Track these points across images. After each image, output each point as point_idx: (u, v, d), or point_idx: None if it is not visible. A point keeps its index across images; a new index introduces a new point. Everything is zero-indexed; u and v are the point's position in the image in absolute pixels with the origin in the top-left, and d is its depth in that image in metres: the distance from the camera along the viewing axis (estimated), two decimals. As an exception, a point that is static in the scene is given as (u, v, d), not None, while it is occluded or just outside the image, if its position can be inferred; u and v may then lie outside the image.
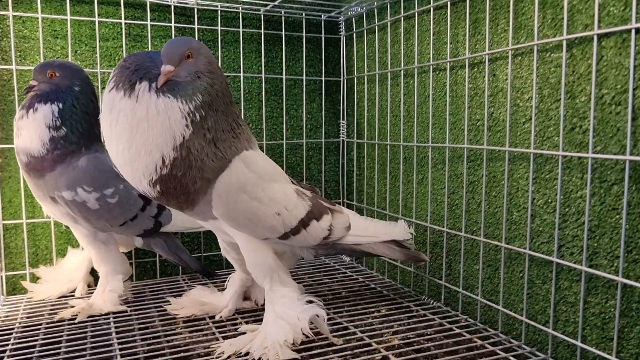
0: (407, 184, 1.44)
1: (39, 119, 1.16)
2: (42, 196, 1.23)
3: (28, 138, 1.16)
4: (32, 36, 1.39)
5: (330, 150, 1.74)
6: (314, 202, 1.14)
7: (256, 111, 1.63)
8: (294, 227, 1.09)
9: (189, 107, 0.92)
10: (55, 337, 1.11)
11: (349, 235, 1.18)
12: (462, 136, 1.23)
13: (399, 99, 1.45)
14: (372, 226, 1.23)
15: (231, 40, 1.59)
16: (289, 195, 1.09)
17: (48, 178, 1.18)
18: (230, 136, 0.99)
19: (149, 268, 1.54)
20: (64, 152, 1.18)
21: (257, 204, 1.03)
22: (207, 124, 0.94)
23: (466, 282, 1.24)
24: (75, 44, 1.43)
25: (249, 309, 1.25)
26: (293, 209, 1.08)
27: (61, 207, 1.22)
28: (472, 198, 1.21)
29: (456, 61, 1.23)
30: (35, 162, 1.17)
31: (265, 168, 1.07)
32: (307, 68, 1.68)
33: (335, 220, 1.16)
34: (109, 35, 1.47)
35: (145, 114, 0.90)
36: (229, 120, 0.99)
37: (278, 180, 1.10)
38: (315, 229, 1.12)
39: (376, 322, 1.18)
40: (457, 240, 1.26)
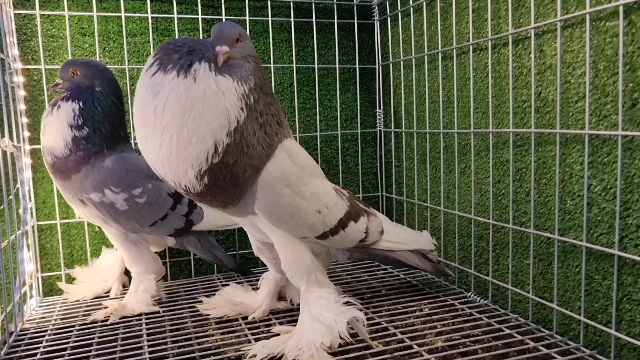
0: (449, 173, 1.35)
1: (61, 117, 1.14)
2: (71, 198, 1.21)
3: (52, 137, 1.14)
4: (60, 35, 1.38)
5: (367, 141, 1.67)
6: (352, 202, 1.10)
7: (288, 103, 1.57)
8: (333, 227, 1.03)
9: (244, 89, 0.86)
10: (87, 339, 1.09)
11: (383, 240, 1.15)
12: (507, 120, 1.13)
13: (438, 83, 1.36)
14: (402, 233, 1.20)
15: (260, 31, 1.54)
16: (329, 192, 1.04)
17: (74, 180, 1.16)
18: (276, 122, 0.94)
19: (184, 267, 1.51)
20: (87, 153, 1.15)
21: (299, 199, 0.96)
22: (259, 107, 0.89)
23: (516, 277, 1.14)
24: (103, 41, 1.41)
25: (283, 310, 1.20)
26: (333, 208, 1.03)
27: (91, 209, 1.20)
28: (520, 187, 1.11)
29: (498, 38, 1.13)
30: (60, 163, 1.15)
31: (306, 161, 1.01)
32: (340, 56, 1.61)
33: (370, 223, 1.12)
34: (137, 30, 1.44)
35: (203, 94, 0.83)
36: (275, 106, 0.95)
37: (318, 175, 1.05)
38: (353, 230, 1.08)
39: (418, 322, 1.10)
40: (504, 233, 1.17)
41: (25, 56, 1.35)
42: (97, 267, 1.38)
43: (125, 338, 1.08)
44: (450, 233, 1.36)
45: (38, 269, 1.37)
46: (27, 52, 1.35)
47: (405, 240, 1.19)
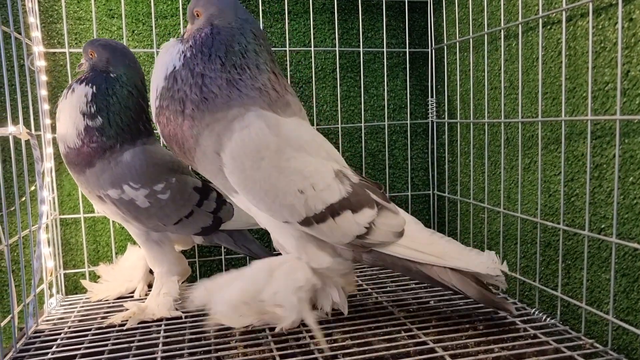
0: (510, 170, 1.17)
1: (73, 102, 1.04)
2: (89, 194, 1.13)
3: (64, 124, 1.05)
4: (87, 17, 1.29)
5: (417, 133, 1.50)
6: (357, 189, 0.94)
7: (330, 90, 1.43)
8: (318, 213, 0.90)
9: (184, 47, 0.93)
10: (100, 345, 0.99)
11: (399, 245, 0.95)
12: (583, 106, 0.95)
13: (499, 66, 1.18)
14: (442, 245, 0.98)
15: (300, 12, 1.40)
16: (322, 172, 0.91)
17: (89, 175, 1.07)
18: (255, 88, 0.92)
19: (214, 267, 1.40)
20: (100, 146, 1.05)
21: (277, 175, 0.88)
22: (196, 62, 0.91)
23: (591, 294, 0.96)
24: (131, 23, 1.32)
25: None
26: (323, 190, 0.90)
27: (110, 206, 1.10)
28: (599, 186, 0.92)
29: (575, 8, 0.95)
30: (72, 155, 1.06)
31: (296, 134, 0.92)
32: (388, 39, 1.45)
33: (380, 218, 0.95)
34: (167, 12, 1.34)
35: (161, 57, 0.96)
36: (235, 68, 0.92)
37: (312, 152, 0.92)
38: (347, 221, 0.91)
39: (471, 344, 0.94)
40: (577, 241, 0.99)
41: (51, 40, 1.27)
42: (121, 265, 1.29)
43: (139, 347, 0.98)
44: (511, 238, 1.18)
45: (60, 265, 1.30)
46: (52, 36, 1.28)
47: (441, 254, 0.96)
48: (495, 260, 0.97)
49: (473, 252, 0.99)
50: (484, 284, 1.00)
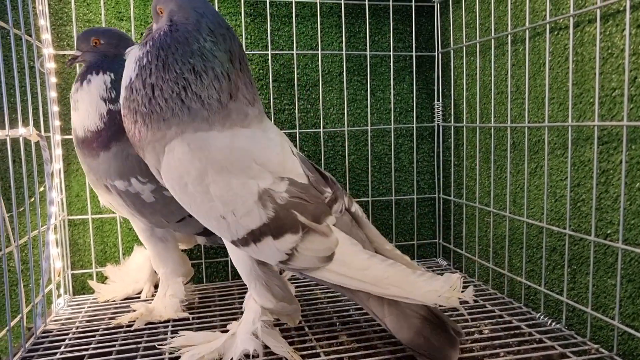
0: (516, 174, 1.17)
1: (92, 91, 1.05)
2: (96, 182, 1.12)
3: (85, 111, 1.05)
4: (96, 20, 1.30)
5: (423, 136, 1.51)
6: (280, 213, 0.85)
7: (337, 93, 1.44)
8: (241, 238, 0.86)
9: (140, 53, 0.90)
10: (108, 345, 1.00)
11: (327, 270, 0.86)
12: (590, 112, 0.95)
13: (506, 71, 1.18)
14: (381, 270, 0.84)
15: (308, 15, 1.41)
16: (244, 197, 0.85)
17: (101, 159, 1.06)
18: (181, 94, 0.87)
19: (220, 269, 1.41)
20: (121, 127, 0.97)
21: (200, 199, 0.86)
22: (149, 67, 0.88)
23: (597, 299, 0.96)
24: (140, 26, 1.32)
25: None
26: (243, 217, 0.85)
27: (116, 197, 1.10)
28: (606, 192, 0.93)
29: (583, 14, 0.95)
30: (92, 137, 1.06)
31: (220, 155, 0.86)
32: (395, 42, 1.45)
33: (305, 243, 0.85)
34: (175, 14, 1.34)
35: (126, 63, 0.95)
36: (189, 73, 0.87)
37: (237, 172, 0.85)
38: (268, 247, 0.86)
39: (477, 348, 0.95)
40: (582, 246, 0.99)
41: (61, 42, 1.28)
42: (128, 266, 1.30)
43: (147, 348, 0.99)
44: (517, 243, 1.18)
45: (68, 266, 1.31)
46: (62, 38, 1.29)
47: (377, 280, 0.84)
48: (455, 287, 0.82)
49: (424, 277, 0.84)
50: (436, 313, 0.88)
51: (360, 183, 1.47)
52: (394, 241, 1.49)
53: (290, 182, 0.88)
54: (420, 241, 1.53)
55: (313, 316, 1.11)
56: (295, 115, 1.41)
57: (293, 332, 1.03)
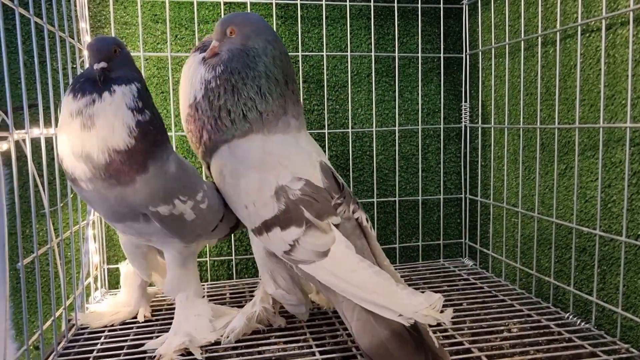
0: (545, 175, 1.18)
1: (117, 101, 0.88)
2: (124, 215, 0.95)
3: (107, 127, 0.86)
4: (133, 22, 1.34)
5: (450, 137, 1.52)
6: (290, 207, 0.93)
7: (365, 94, 1.46)
8: (257, 226, 0.97)
9: (209, 75, 1.00)
10: (145, 338, 1.04)
11: (319, 267, 0.90)
12: (621, 114, 0.96)
13: (535, 72, 1.19)
14: (367, 276, 0.86)
15: (337, 17, 1.43)
16: (263, 190, 0.96)
17: (140, 184, 0.89)
18: (246, 113, 1.00)
19: (250, 265, 1.44)
20: (155, 140, 0.91)
21: (232, 191, 1.01)
22: (218, 91, 1.00)
23: (627, 300, 0.97)
24: (174, 28, 1.36)
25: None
26: (261, 207, 0.96)
27: (149, 226, 0.97)
28: (637, 193, 0.93)
29: (615, 16, 0.96)
30: (122, 160, 0.87)
31: (251, 154, 0.99)
32: (423, 44, 1.47)
33: (306, 237, 0.91)
34: (209, 17, 1.38)
35: (187, 74, 1.05)
36: (255, 95, 1.00)
37: (263, 170, 0.97)
38: (276, 237, 0.94)
39: (506, 345, 0.96)
40: (613, 247, 1.00)
41: (99, 44, 1.33)
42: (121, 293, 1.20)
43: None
44: (545, 243, 1.19)
45: (104, 260, 1.35)
46: (100, 40, 1.33)
47: (360, 284, 0.86)
48: (435, 306, 0.81)
49: (406, 290, 0.84)
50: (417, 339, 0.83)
51: (388, 183, 1.49)
52: (420, 241, 1.51)
53: (306, 183, 0.96)
54: (447, 241, 1.54)
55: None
56: (324, 116, 1.43)
57: (324, 327, 1.06)
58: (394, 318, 0.82)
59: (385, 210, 1.49)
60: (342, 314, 0.90)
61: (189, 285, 1.04)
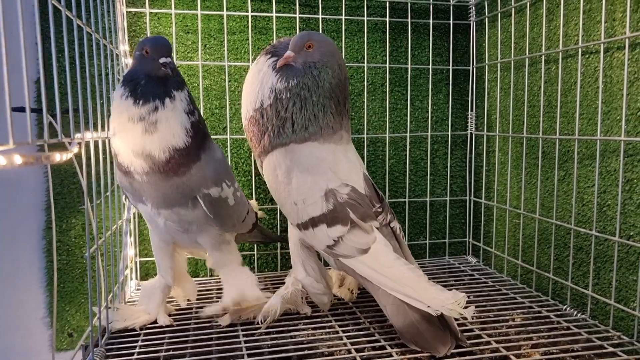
0: (546, 180, 1.30)
1: (177, 107, 1.00)
2: (175, 201, 1.05)
3: (170, 131, 0.98)
4: (165, 32, 1.44)
5: (456, 144, 1.64)
6: (338, 207, 1.04)
7: (379, 103, 1.57)
8: (303, 222, 1.08)
9: (281, 85, 1.09)
10: (184, 327, 1.14)
11: (359, 261, 1.02)
12: (616, 127, 1.08)
13: (538, 87, 1.31)
14: (401, 271, 0.98)
15: (355, 30, 1.54)
16: (314, 190, 1.06)
17: (194, 171, 1.02)
18: (307, 126, 1.10)
19: (270, 260, 1.55)
20: (203, 134, 1.05)
21: (283, 188, 1.10)
22: (286, 104, 1.09)
23: (619, 293, 1.09)
24: (204, 38, 1.46)
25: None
26: (310, 205, 1.06)
27: (194, 211, 1.07)
28: (629, 198, 1.05)
29: (613, 42, 1.08)
30: (180, 156, 0.99)
31: (305, 159, 1.09)
32: (433, 57, 1.59)
33: (350, 235, 1.03)
34: (236, 28, 1.48)
35: (256, 76, 1.14)
36: (318, 111, 1.10)
37: (315, 173, 1.08)
38: (321, 232, 1.06)
39: (512, 332, 1.07)
40: (607, 246, 1.12)
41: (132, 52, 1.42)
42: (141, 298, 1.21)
43: (220, 325, 1.13)
44: (544, 242, 1.31)
45: (137, 253, 1.45)
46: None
47: (396, 278, 0.97)
48: (460, 303, 0.91)
49: (436, 287, 0.95)
50: (443, 324, 0.97)
51: (398, 185, 1.60)
52: (427, 239, 1.63)
53: (352, 189, 1.08)
54: (452, 239, 1.66)
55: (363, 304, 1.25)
56: (341, 122, 1.54)
57: (347, 316, 1.18)
58: (424, 309, 0.93)
59: (396, 210, 1.60)
60: (378, 298, 1.02)
61: (231, 261, 1.18)
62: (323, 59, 1.10)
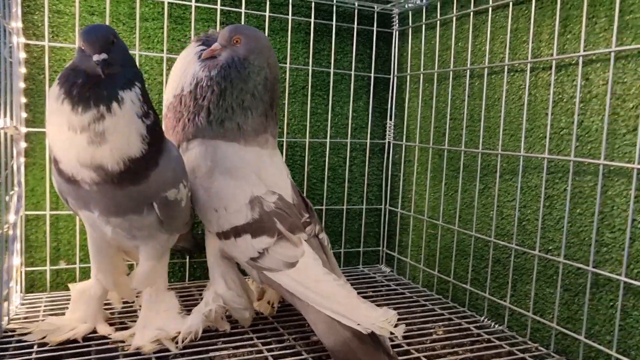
0: (464, 193, 1.32)
1: (128, 111, 0.85)
2: (128, 209, 0.93)
3: (123, 139, 0.85)
4: (66, 11, 1.27)
5: (374, 152, 1.63)
6: (264, 217, 0.99)
7: (299, 106, 1.51)
8: (224, 231, 1.01)
9: (202, 73, 1.04)
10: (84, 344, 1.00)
11: (286, 275, 0.96)
12: (538, 145, 1.11)
13: (461, 100, 1.33)
14: (331, 287, 0.93)
15: (278, 29, 1.47)
16: (237, 197, 1.00)
17: (153, 178, 0.90)
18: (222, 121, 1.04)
19: (177, 270, 1.42)
20: (160, 136, 0.92)
21: (202, 192, 1.03)
22: (206, 92, 1.03)
23: (535, 305, 1.12)
24: (112, 23, 1.31)
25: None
26: (233, 213, 1.00)
27: (147, 217, 0.95)
28: (549, 214, 1.09)
29: (539, 62, 1.11)
30: (137, 165, 0.87)
31: (228, 160, 1.02)
32: (356, 63, 1.56)
33: (276, 247, 0.97)
34: (149, 15, 1.35)
35: (182, 62, 1.09)
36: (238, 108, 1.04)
37: (238, 177, 1.02)
38: (245, 243, 0.98)
39: (438, 347, 1.07)
40: (525, 259, 1.15)
41: (27, 30, 1.24)
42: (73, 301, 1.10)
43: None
44: (461, 254, 1.33)
45: (22, 263, 1.26)
46: (28, 27, 1.24)
47: (326, 294, 0.92)
48: (390, 321, 0.88)
49: (366, 304, 0.91)
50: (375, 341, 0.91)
51: (316, 192, 1.55)
52: (342, 247, 1.60)
53: (279, 198, 1.02)
54: (366, 248, 1.64)
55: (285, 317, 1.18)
56: (260, 124, 1.46)
57: (268, 332, 1.10)
58: (354, 326, 0.88)
59: (312, 218, 1.55)
60: (308, 316, 0.96)
61: (160, 279, 1.05)
62: (249, 55, 1.05)
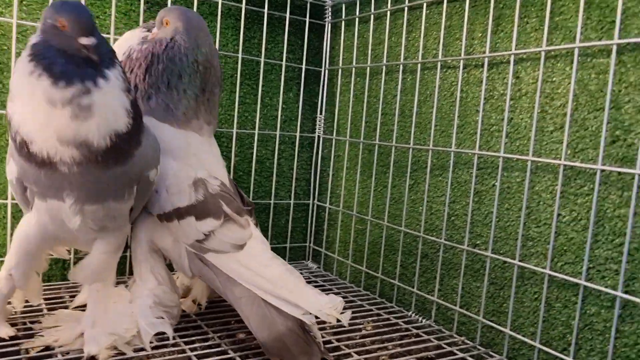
0: (393, 188, 1.32)
1: (115, 86, 0.83)
2: (109, 193, 0.89)
3: (110, 114, 0.82)
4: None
5: (303, 145, 1.59)
6: (209, 199, 0.96)
7: (227, 95, 1.45)
8: (166, 212, 0.96)
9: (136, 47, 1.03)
10: None
11: (233, 258, 0.94)
12: (468, 141, 1.13)
13: (393, 95, 1.33)
14: (279, 272, 0.92)
15: (207, 13, 1.40)
16: (180, 178, 0.97)
17: (137, 157, 0.87)
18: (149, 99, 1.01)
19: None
20: (141, 115, 0.90)
21: None
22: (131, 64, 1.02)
23: (461, 299, 1.14)
24: None
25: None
26: (175, 194, 0.96)
27: (121, 205, 0.91)
28: (478, 209, 1.11)
29: (471, 59, 1.13)
30: (123, 141, 0.84)
31: (167, 140, 0.97)
32: (287, 53, 1.52)
33: (223, 229, 0.95)
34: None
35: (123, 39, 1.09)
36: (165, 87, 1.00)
37: (178, 158, 0.98)
38: (189, 226, 0.95)
39: (368, 342, 1.05)
40: (453, 254, 1.16)
41: None
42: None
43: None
44: (389, 249, 1.33)
45: None
46: None
47: (274, 279, 0.90)
48: (337, 307, 0.88)
49: (314, 290, 0.91)
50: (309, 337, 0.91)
51: (242, 185, 1.49)
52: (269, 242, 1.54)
53: (221, 184, 1.00)
54: (292, 244, 1.60)
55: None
56: (185, 111, 1.38)
57: (192, 330, 1.03)
58: (298, 316, 0.87)
59: (238, 212, 1.50)
60: (240, 308, 0.93)
61: (110, 274, 0.98)
62: (175, 35, 1.02)
